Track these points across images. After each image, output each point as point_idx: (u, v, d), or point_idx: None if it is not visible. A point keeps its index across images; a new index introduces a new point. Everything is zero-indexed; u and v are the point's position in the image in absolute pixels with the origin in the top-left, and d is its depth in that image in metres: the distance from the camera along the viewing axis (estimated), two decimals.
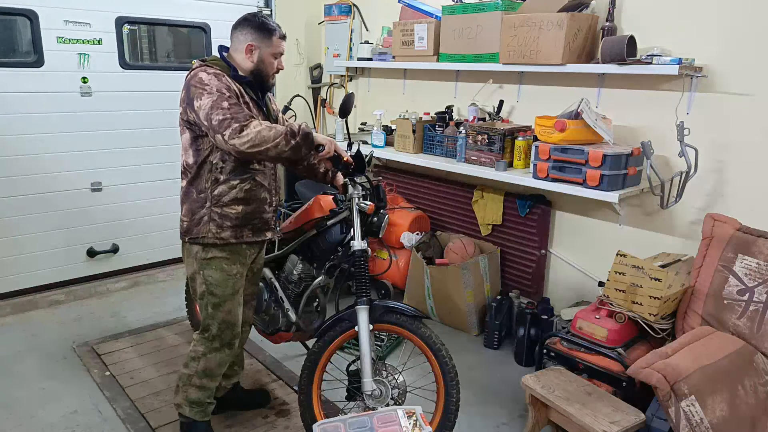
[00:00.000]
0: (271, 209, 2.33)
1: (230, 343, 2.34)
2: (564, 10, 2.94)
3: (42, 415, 2.67)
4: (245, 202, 2.20)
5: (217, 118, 1.99)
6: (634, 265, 2.52)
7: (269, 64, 2.22)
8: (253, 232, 2.26)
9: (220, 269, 2.23)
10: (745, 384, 2.16)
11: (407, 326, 2.32)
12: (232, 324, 2.31)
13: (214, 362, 2.33)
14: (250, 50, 2.18)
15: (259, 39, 2.18)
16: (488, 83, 3.58)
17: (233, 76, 2.16)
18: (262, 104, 2.28)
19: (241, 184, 2.18)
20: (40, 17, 3.54)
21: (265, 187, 2.26)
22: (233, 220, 2.19)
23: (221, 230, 2.19)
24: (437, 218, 4.07)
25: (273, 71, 2.25)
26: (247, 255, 2.31)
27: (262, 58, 2.19)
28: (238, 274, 2.28)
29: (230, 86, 2.09)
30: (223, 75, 2.11)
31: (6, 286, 3.74)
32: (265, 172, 2.27)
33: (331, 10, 4.74)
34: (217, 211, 2.18)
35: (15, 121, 3.57)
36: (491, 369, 3.18)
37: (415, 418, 1.93)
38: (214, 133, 1.99)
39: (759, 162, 2.60)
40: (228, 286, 2.26)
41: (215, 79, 2.07)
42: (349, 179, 2.47)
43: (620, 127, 2.99)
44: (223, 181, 2.16)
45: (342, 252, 2.62)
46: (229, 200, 2.18)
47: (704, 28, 2.69)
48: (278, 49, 2.22)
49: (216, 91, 2.04)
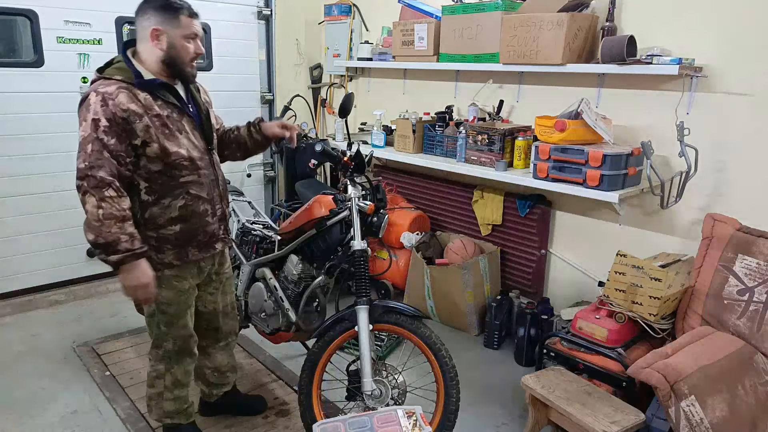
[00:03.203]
0: (216, 219, 2.10)
1: (190, 352, 2.26)
2: (564, 10, 2.94)
3: (42, 415, 2.67)
4: (182, 220, 1.99)
5: (78, 163, 1.80)
6: (634, 265, 2.52)
7: (182, 49, 1.92)
8: (198, 249, 2.07)
9: (171, 287, 2.07)
10: (745, 384, 2.16)
11: (407, 326, 2.32)
12: (188, 336, 2.21)
13: (180, 373, 2.26)
14: (156, 36, 1.89)
15: (164, 21, 1.89)
16: (488, 83, 3.58)
17: (138, 84, 1.87)
18: (187, 105, 2.02)
19: (174, 201, 1.96)
20: (40, 17, 3.54)
21: (203, 198, 2.03)
22: (173, 241, 2.00)
23: (162, 254, 2.00)
24: (437, 218, 4.07)
25: (190, 57, 1.95)
26: (202, 267, 2.16)
27: (172, 42, 1.90)
28: (191, 288, 2.13)
29: (115, 114, 1.81)
30: (113, 96, 1.81)
31: (6, 286, 3.74)
32: (201, 181, 2.02)
33: (331, 10, 4.74)
34: (152, 235, 1.98)
35: (15, 121, 3.58)
36: (491, 369, 3.18)
37: (415, 418, 1.93)
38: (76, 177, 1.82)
39: (759, 162, 2.60)
40: (180, 302, 2.12)
41: (99, 104, 1.80)
42: (349, 179, 2.47)
43: (620, 127, 2.99)
44: (153, 203, 1.95)
45: (342, 252, 2.61)
46: (164, 222, 1.97)
47: (704, 28, 2.69)
48: (190, 29, 1.93)
49: (91, 122, 1.79)
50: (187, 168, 1.97)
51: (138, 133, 1.85)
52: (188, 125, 2.00)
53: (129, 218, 1.87)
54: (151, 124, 1.87)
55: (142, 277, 1.90)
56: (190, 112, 2.03)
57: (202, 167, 2.02)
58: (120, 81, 1.86)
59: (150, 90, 1.90)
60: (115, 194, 1.83)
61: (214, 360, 2.45)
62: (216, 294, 2.30)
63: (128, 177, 1.90)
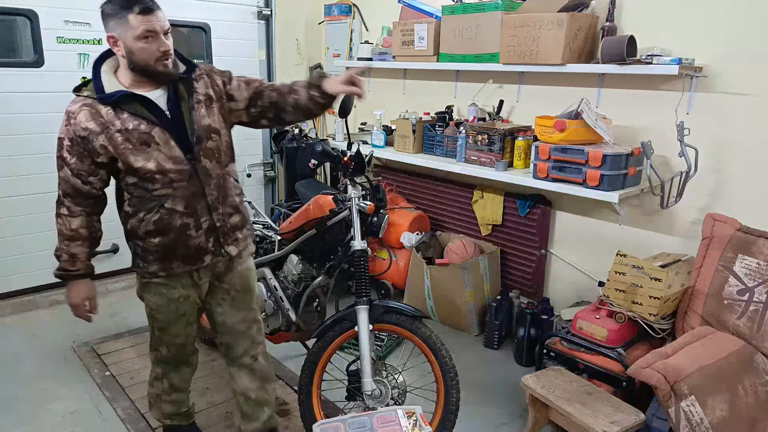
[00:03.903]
0: (202, 232, 1.94)
1: (187, 361, 2.23)
2: (564, 10, 2.94)
3: (42, 415, 2.67)
4: (160, 233, 1.89)
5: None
6: (634, 265, 2.52)
7: (141, 51, 1.75)
8: (183, 261, 1.95)
9: (159, 293, 2.01)
10: (745, 384, 2.16)
11: (407, 326, 2.32)
12: (182, 345, 2.16)
13: (176, 379, 2.24)
14: (114, 43, 1.77)
15: (115, 26, 1.75)
16: (488, 83, 3.58)
17: (100, 99, 1.79)
18: (164, 113, 1.84)
19: (148, 215, 1.87)
20: (40, 17, 3.54)
21: (180, 213, 1.88)
22: (155, 253, 1.93)
23: (147, 264, 1.96)
24: (437, 218, 4.07)
25: (154, 59, 1.77)
26: (195, 278, 2.02)
27: (128, 48, 1.75)
28: (182, 297, 2.03)
29: (75, 134, 1.79)
30: (75, 115, 1.79)
31: (6, 286, 3.74)
32: (176, 195, 1.86)
33: (331, 10, 4.74)
34: (139, 244, 1.94)
35: (15, 120, 3.58)
36: (491, 369, 3.18)
37: (415, 418, 1.93)
38: None
39: (759, 162, 2.60)
40: (170, 310, 2.04)
41: (64, 123, 1.81)
42: (349, 179, 2.47)
43: (620, 127, 2.99)
44: (132, 214, 1.90)
45: (342, 252, 2.62)
46: (143, 234, 1.90)
47: (704, 28, 2.69)
48: (141, 28, 1.72)
49: (58, 141, 1.84)
50: (159, 181, 1.84)
51: (99, 150, 1.80)
52: (161, 136, 1.83)
53: (78, 238, 1.90)
54: (109, 142, 1.79)
55: (74, 297, 1.97)
56: (164, 122, 1.84)
57: (178, 180, 1.86)
58: (86, 98, 1.81)
59: (113, 103, 1.79)
60: (66, 212, 1.89)
61: (238, 382, 2.25)
62: (224, 306, 2.13)
63: (97, 195, 1.92)
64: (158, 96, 1.86)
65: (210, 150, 1.93)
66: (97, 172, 1.87)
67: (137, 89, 1.83)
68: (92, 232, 1.95)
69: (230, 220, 2.02)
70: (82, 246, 1.93)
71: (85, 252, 1.94)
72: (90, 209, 1.93)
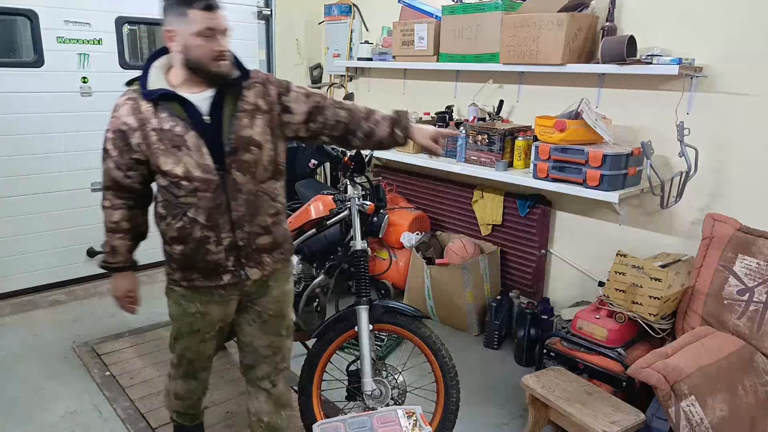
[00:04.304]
0: (222, 249, 1.83)
1: (194, 376, 2.15)
2: (564, 10, 2.94)
3: (42, 415, 2.67)
4: (182, 241, 1.83)
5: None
6: (634, 265, 2.52)
7: (197, 49, 1.70)
8: (202, 276, 1.87)
9: (177, 303, 1.96)
10: (745, 384, 2.16)
11: (407, 326, 2.32)
12: (191, 360, 2.08)
13: (182, 389, 2.17)
14: (171, 38, 1.72)
15: (174, 20, 1.70)
16: (488, 83, 3.58)
17: (143, 95, 1.75)
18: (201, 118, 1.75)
19: (173, 221, 1.82)
20: (40, 17, 3.54)
21: (201, 225, 1.79)
22: (177, 261, 1.87)
23: (172, 271, 1.92)
24: (437, 218, 4.07)
25: (210, 57, 1.72)
26: (221, 295, 1.91)
27: (185, 44, 1.70)
28: (198, 313, 1.93)
29: (117, 126, 1.77)
30: (118, 108, 1.77)
31: (6, 286, 3.73)
32: (199, 205, 1.78)
33: (331, 10, 4.74)
34: (166, 248, 1.90)
35: (15, 120, 3.57)
36: (491, 369, 3.18)
37: (415, 418, 1.93)
38: None
39: (759, 162, 2.60)
40: (184, 323, 1.97)
41: (111, 115, 1.79)
42: (349, 179, 2.47)
43: (620, 127, 2.99)
44: (162, 217, 1.85)
45: (342, 252, 2.62)
46: (168, 238, 1.86)
47: (704, 28, 2.69)
48: (201, 24, 1.68)
49: (105, 131, 1.81)
50: (184, 188, 1.77)
51: (135, 147, 1.77)
52: (194, 141, 1.74)
53: (119, 231, 1.89)
54: (143, 139, 1.75)
55: (115, 290, 1.99)
56: (201, 127, 1.76)
57: (202, 189, 1.77)
58: (132, 92, 1.78)
59: (154, 101, 1.74)
60: (108, 205, 1.89)
61: (254, 403, 2.15)
62: (253, 327, 2.03)
63: (138, 189, 1.87)
64: (203, 99, 1.78)
65: (245, 163, 1.80)
66: (137, 167, 1.83)
67: (185, 89, 1.77)
68: (135, 225, 1.92)
69: (256, 241, 1.87)
70: (123, 239, 1.91)
71: (126, 245, 1.92)
72: (132, 203, 1.89)
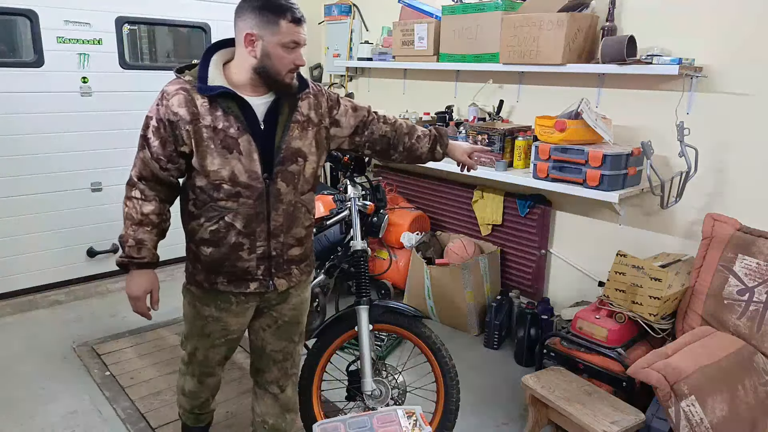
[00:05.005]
0: (255, 257, 1.82)
1: (200, 379, 2.12)
2: (564, 10, 2.94)
3: (42, 415, 2.67)
4: (213, 244, 1.80)
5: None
6: (634, 265, 2.52)
7: (278, 59, 1.68)
8: (228, 280, 1.85)
9: (192, 305, 1.94)
10: (745, 384, 2.16)
11: (407, 326, 2.32)
12: (199, 362, 2.06)
13: (189, 386, 2.14)
14: (251, 41, 1.67)
15: (261, 25, 1.66)
16: (488, 83, 3.58)
17: (200, 89, 1.70)
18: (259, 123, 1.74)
19: (207, 223, 1.78)
20: (40, 17, 3.54)
21: (238, 230, 1.78)
22: (203, 263, 1.84)
23: (195, 271, 1.88)
24: (437, 218, 4.07)
25: (287, 69, 1.71)
26: (234, 302, 1.90)
27: (266, 51, 1.67)
28: (211, 317, 1.91)
29: (165, 116, 1.69)
30: (169, 97, 1.69)
31: (6, 286, 3.73)
32: (239, 211, 1.76)
33: (331, 10, 4.74)
34: (192, 248, 1.86)
35: (15, 120, 3.57)
36: (491, 369, 3.18)
37: (415, 418, 1.93)
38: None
39: (759, 162, 2.60)
40: (196, 325, 1.96)
41: (156, 102, 1.72)
42: (349, 179, 2.47)
43: (620, 127, 2.99)
44: (195, 216, 1.81)
45: (342, 252, 2.62)
46: (198, 239, 1.82)
47: (704, 28, 2.69)
48: (289, 37, 1.67)
49: (145, 118, 1.74)
50: (225, 192, 1.74)
51: (185, 140, 1.70)
52: (246, 145, 1.72)
53: (148, 224, 1.78)
54: (194, 134, 1.69)
55: (135, 289, 1.85)
56: (256, 132, 1.73)
57: (246, 196, 1.75)
58: (185, 82, 1.71)
59: (210, 97, 1.69)
60: (139, 196, 1.77)
61: (260, 404, 2.17)
62: (267, 332, 2.02)
63: (173, 183, 1.82)
64: (260, 104, 1.75)
65: (290, 174, 1.80)
66: (178, 160, 1.75)
67: (243, 91, 1.73)
68: (163, 220, 1.83)
69: (289, 252, 1.88)
70: (151, 233, 1.80)
71: (153, 240, 1.82)
72: (164, 196, 1.82)
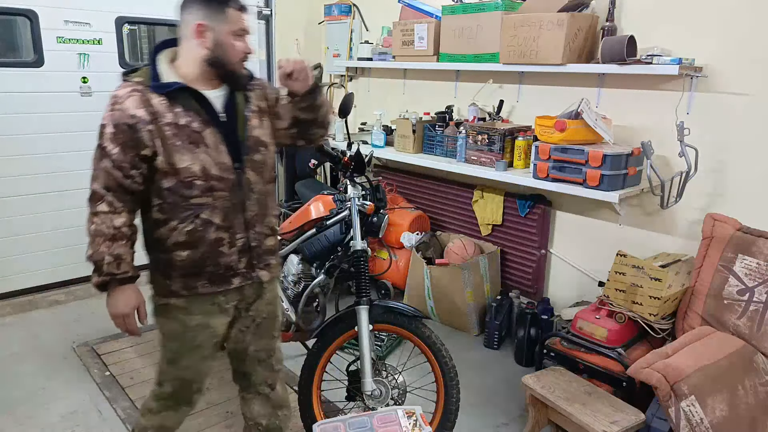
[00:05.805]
0: (235, 250, 1.78)
1: (188, 401, 1.97)
2: (564, 10, 2.94)
3: (42, 415, 2.67)
4: (189, 246, 1.73)
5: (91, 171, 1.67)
6: (634, 265, 2.52)
7: (230, 48, 1.68)
8: (210, 281, 1.78)
9: (175, 319, 1.81)
10: (745, 384, 2.16)
11: (407, 326, 2.32)
12: (190, 381, 1.91)
13: (171, 421, 1.98)
14: (201, 32, 1.65)
15: (210, 15, 1.65)
16: (488, 83, 3.58)
17: (153, 88, 1.65)
18: (218, 115, 1.72)
19: (180, 224, 1.71)
20: (40, 17, 3.54)
21: (216, 225, 1.74)
22: (179, 269, 1.75)
23: (169, 281, 1.77)
24: (437, 218, 4.07)
25: (238, 57, 1.71)
26: (220, 303, 1.82)
27: (218, 40, 1.66)
28: (200, 326, 1.82)
29: (121, 119, 1.62)
30: (121, 101, 1.63)
31: (6, 286, 3.74)
32: (215, 205, 1.72)
33: (331, 10, 4.74)
34: (162, 257, 1.76)
35: (15, 120, 3.57)
36: (491, 369, 3.18)
37: (415, 418, 1.93)
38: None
39: (759, 162, 2.60)
40: (185, 339, 1.83)
41: (109, 108, 1.64)
42: (349, 179, 2.47)
43: (620, 127, 2.99)
44: (162, 222, 1.72)
45: (342, 252, 2.62)
46: (171, 244, 1.73)
47: (704, 28, 2.69)
48: (238, 24, 1.69)
49: (99, 127, 1.66)
50: (198, 188, 1.70)
51: (146, 142, 1.64)
52: (212, 138, 1.71)
53: (121, 237, 1.69)
54: (157, 134, 1.64)
55: (122, 306, 1.75)
56: (218, 123, 1.72)
57: (219, 188, 1.73)
58: (136, 84, 1.66)
59: (167, 94, 1.66)
60: (108, 209, 1.67)
61: (251, 408, 2.08)
62: (246, 333, 1.95)
63: (137, 190, 1.71)
64: (217, 96, 1.75)
65: (257, 163, 1.82)
66: (140, 165, 1.67)
67: (198, 85, 1.71)
68: (133, 232, 1.75)
69: (266, 242, 1.87)
70: (126, 246, 1.72)
71: (130, 253, 1.74)
72: (131, 206, 1.73)
